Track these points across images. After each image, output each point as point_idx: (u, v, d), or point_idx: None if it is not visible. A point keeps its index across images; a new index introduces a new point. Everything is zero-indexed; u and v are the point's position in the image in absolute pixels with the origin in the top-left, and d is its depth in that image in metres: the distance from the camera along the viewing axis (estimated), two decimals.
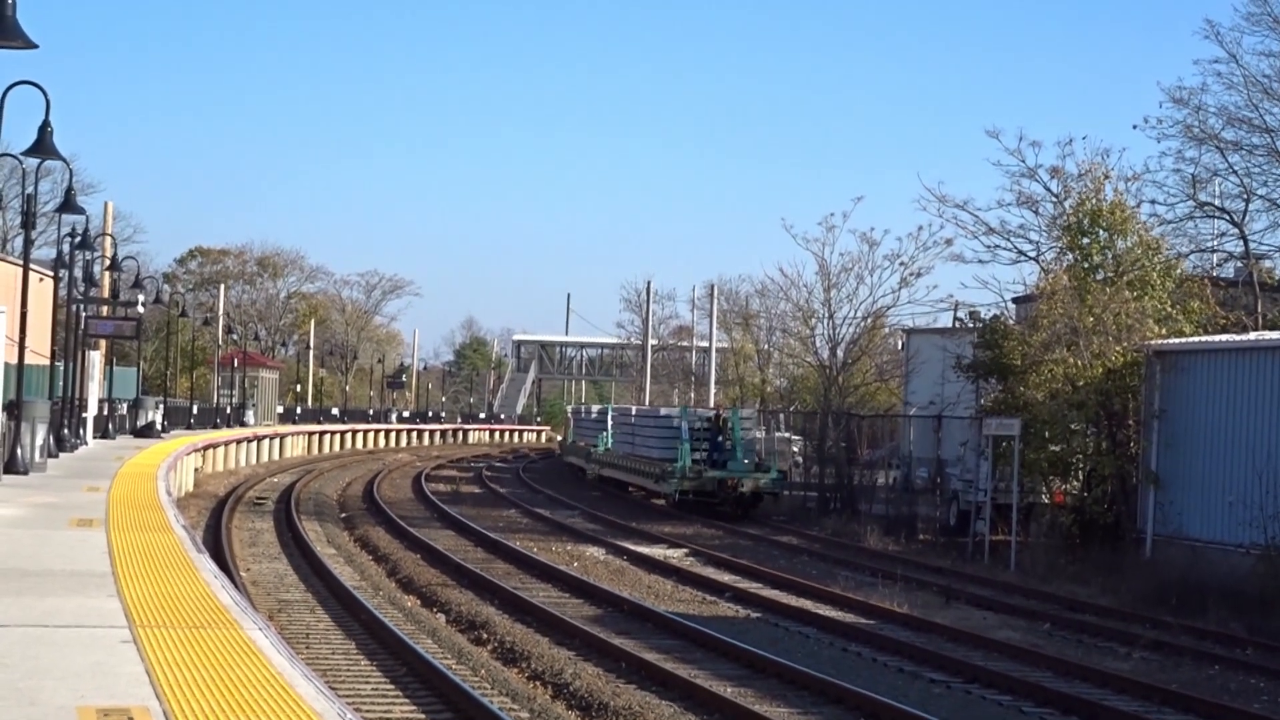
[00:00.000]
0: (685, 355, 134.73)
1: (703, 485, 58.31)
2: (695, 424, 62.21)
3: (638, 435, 69.22)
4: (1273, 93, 53.36)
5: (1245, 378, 37.99)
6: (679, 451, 59.86)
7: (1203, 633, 31.59)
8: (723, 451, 59.72)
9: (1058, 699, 23.87)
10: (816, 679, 23.95)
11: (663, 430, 64.53)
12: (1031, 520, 46.09)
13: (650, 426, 67.41)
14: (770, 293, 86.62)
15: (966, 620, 32.67)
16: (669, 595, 35.06)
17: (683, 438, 60.39)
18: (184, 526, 26.08)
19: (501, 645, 26.80)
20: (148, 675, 12.51)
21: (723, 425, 61.16)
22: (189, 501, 50.72)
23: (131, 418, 71.21)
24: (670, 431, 63.06)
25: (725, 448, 59.86)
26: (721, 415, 63.04)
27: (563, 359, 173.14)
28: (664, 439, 63.50)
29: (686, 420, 62.42)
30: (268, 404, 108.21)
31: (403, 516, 51.20)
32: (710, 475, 58.31)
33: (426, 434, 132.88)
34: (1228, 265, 55.47)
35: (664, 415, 68.64)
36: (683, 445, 59.93)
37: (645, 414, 74.02)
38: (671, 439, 62.12)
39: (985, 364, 49.17)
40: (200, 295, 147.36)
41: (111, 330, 66.15)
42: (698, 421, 62.77)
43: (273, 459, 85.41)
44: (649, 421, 68.83)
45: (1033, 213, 51.74)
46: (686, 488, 58.47)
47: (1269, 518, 35.32)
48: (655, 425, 66.62)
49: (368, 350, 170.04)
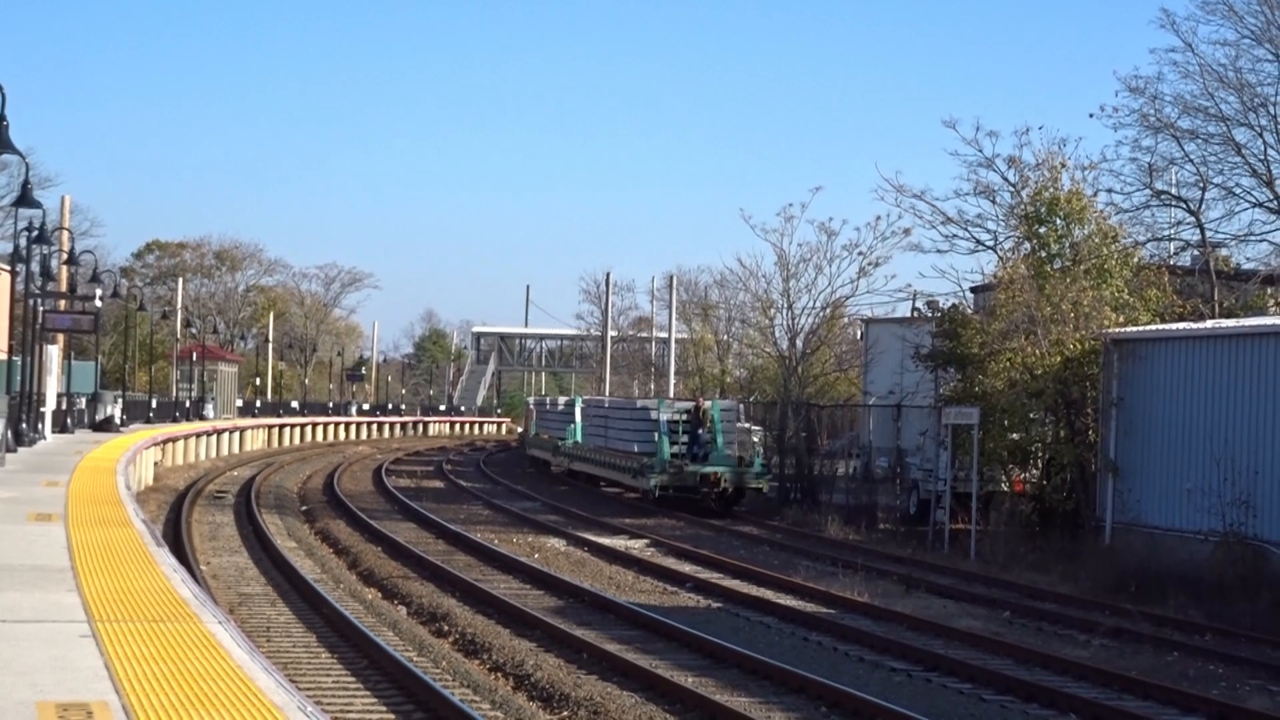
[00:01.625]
0: (645, 346, 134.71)
1: (683, 480, 55.67)
2: (674, 416, 59.43)
3: (611, 428, 66.31)
4: (1228, 81, 53.55)
5: (1202, 366, 38.12)
6: (658, 445, 57.37)
7: (1162, 620, 31.70)
8: (703, 445, 57.47)
9: (1018, 686, 23.94)
10: (778, 668, 23.99)
11: (639, 422, 62.14)
12: (991, 509, 46.17)
13: (626, 419, 64.85)
14: (729, 283, 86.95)
15: (927, 609, 32.75)
16: (630, 586, 35.08)
17: (661, 430, 57.92)
18: (143, 521, 26.02)
19: (463, 637, 26.81)
20: (107, 670, 12.48)
21: (703, 417, 58.41)
22: (148, 496, 50.61)
23: (90, 412, 70.99)
24: (648, 424, 60.57)
25: (705, 441, 57.58)
26: (701, 407, 59.34)
27: (522, 351, 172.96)
28: (641, 432, 61.01)
29: (665, 412, 59.44)
30: (227, 397, 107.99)
31: (364, 509, 51.14)
32: (691, 470, 55.83)
33: (387, 427, 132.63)
34: (1184, 254, 55.65)
35: (641, 407, 65.76)
36: (661, 438, 57.41)
37: (620, 405, 71.18)
38: (649, 432, 59.54)
39: (944, 353, 49.25)
40: (158, 289, 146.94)
41: (69, 324, 65.88)
42: (676, 413, 59.77)
43: (232, 452, 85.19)
44: (624, 413, 66.21)
45: (990, 202, 51.86)
46: (666, 483, 55.79)
47: (1227, 505, 35.46)
48: (631, 417, 64.11)
49: (327, 343, 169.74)
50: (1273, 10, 53.10)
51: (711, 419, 57.97)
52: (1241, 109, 53.50)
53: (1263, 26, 53.29)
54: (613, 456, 63.26)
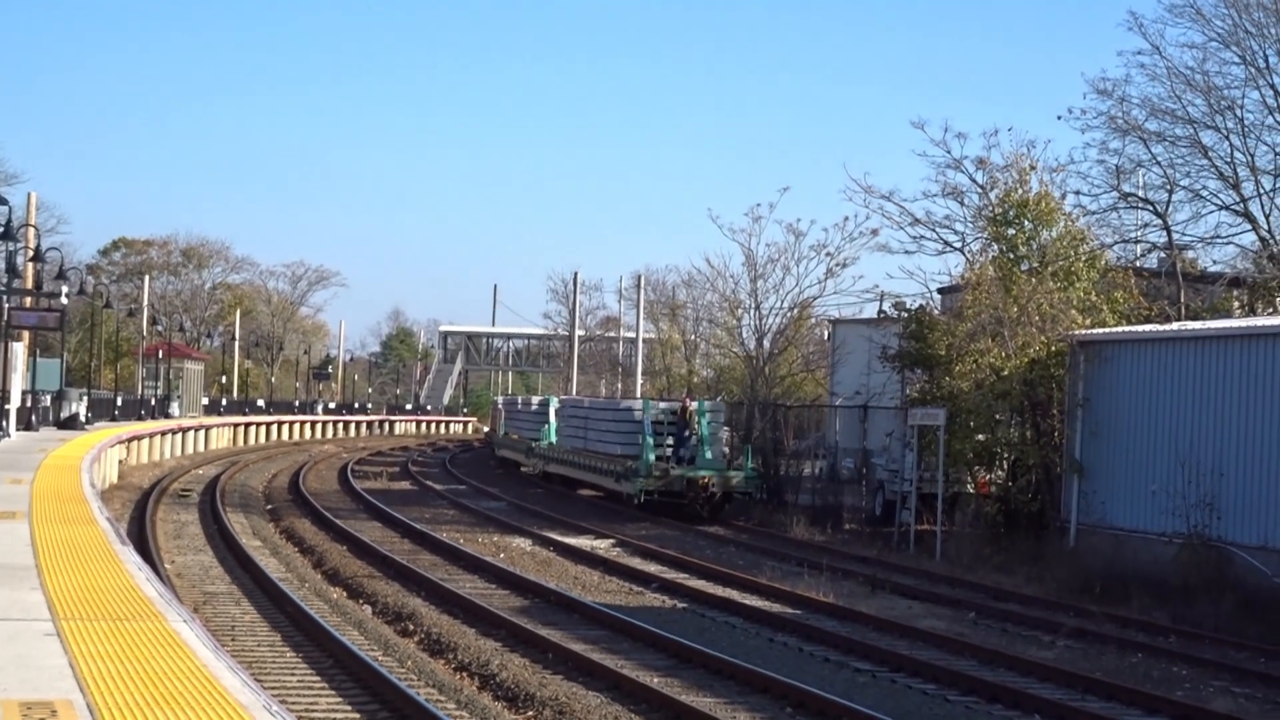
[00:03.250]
0: (612, 346, 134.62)
1: (670, 485, 53.73)
2: (659, 417, 57.27)
3: (592, 429, 63.61)
4: (1195, 84, 53.61)
5: (1168, 368, 38.23)
6: (642, 447, 55.29)
7: (1126, 621, 31.81)
8: (689, 447, 55.24)
9: (982, 687, 23.99)
10: (743, 668, 24.01)
11: (623, 424, 59.54)
12: (957, 510, 46.29)
13: (608, 420, 62.09)
14: (697, 283, 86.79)
15: (892, 609, 32.81)
16: (596, 586, 35.08)
17: (646, 432, 55.86)
18: (108, 519, 25.97)
19: (428, 636, 26.78)
20: (71, 668, 12.46)
21: (689, 418, 55.86)
22: (113, 494, 50.48)
23: (55, 409, 70.79)
24: (632, 425, 58.06)
25: (691, 443, 55.33)
26: (687, 408, 56.61)
27: (489, 350, 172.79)
28: (624, 434, 58.49)
29: (649, 413, 57.28)
30: (193, 395, 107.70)
31: (329, 508, 51.06)
32: (678, 474, 53.82)
33: (353, 425, 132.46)
34: (1151, 256, 55.70)
35: (624, 408, 62.91)
36: (646, 440, 55.38)
37: (602, 406, 68.30)
38: (633, 434, 57.22)
39: (910, 354, 49.33)
40: (125, 286, 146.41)
41: (35, 321, 65.71)
42: (661, 414, 57.58)
43: (198, 451, 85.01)
44: (606, 414, 63.45)
45: (958, 203, 51.87)
46: (652, 487, 53.75)
47: (1191, 506, 35.57)
48: (615, 418, 61.40)
49: (294, 341, 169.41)
50: (1240, 14, 53.23)
51: (698, 420, 55.93)
52: (1209, 112, 53.61)
53: (1230, 30, 53.41)
54: (593, 459, 61.19)
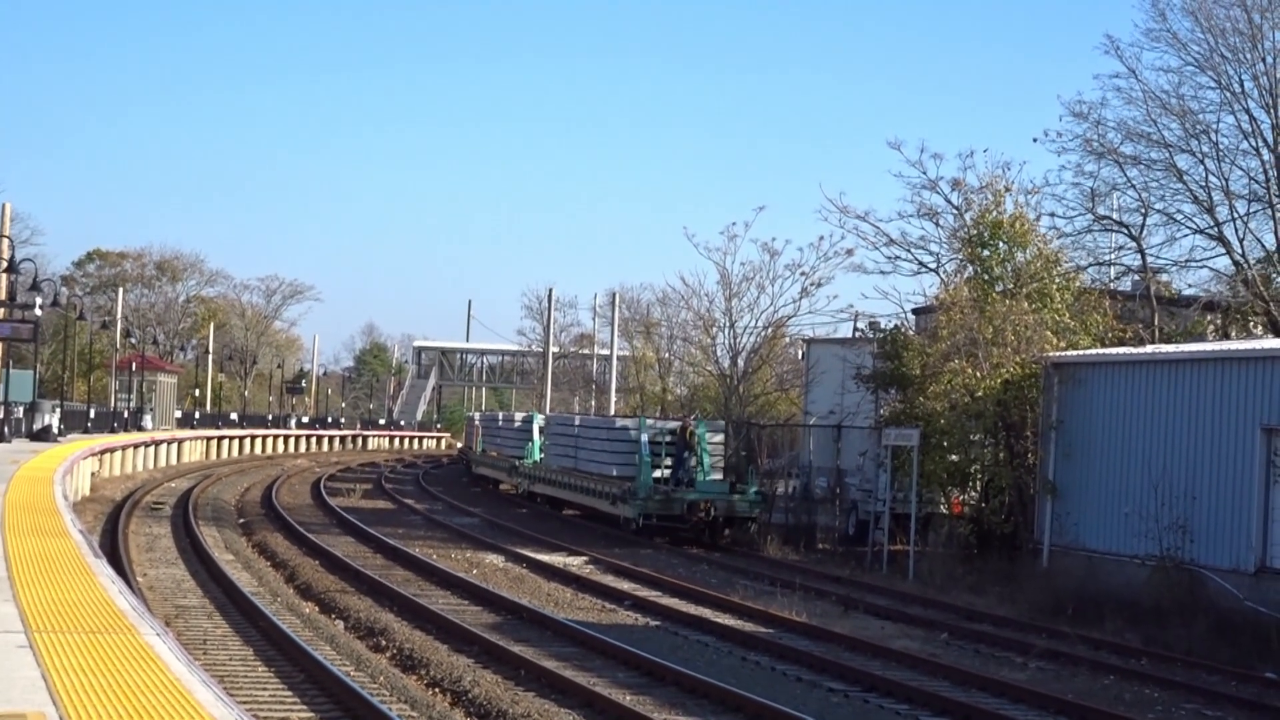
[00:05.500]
0: (587, 363, 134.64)
1: (670, 509, 51.39)
2: (656, 437, 54.62)
3: (583, 448, 60.97)
4: (1170, 108, 53.80)
5: (1141, 390, 38.31)
6: (640, 469, 52.72)
7: (1099, 643, 31.84)
8: (688, 469, 52.89)
9: (955, 708, 24.01)
10: (716, 687, 23.99)
11: (618, 443, 56.92)
12: (930, 530, 46.30)
13: (602, 439, 59.30)
14: (672, 301, 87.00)
15: (865, 629, 32.82)
16: (568, 603, 35.04)
17: (643, 453, 53.04)
18: (81, 531, 25.89)
19: (400, 652, 26.73)
20: (44, 680, 12.40)
21: (689, 439, 53.31)
22: (86, 506, 50.36)
23: (27, 421, 70.54)
24: (627, 445, 55.44)
25: (691, 465, 53.01)
26: (688, 427, 54.02)
27: (463, 366, 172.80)
28: (619, 454, 56.16)
29: (646, 432, 54.29)
30: (166, 408, 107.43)
31: (301, 523, 50.97)
32: (679, 497, 51.50)
33: (326, 440, 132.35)
34: (1125, 279, 55.88)
35: (619, 426, 59.87)
36: (644, 461, 52.78)
37: (595, 424, 64.97)
38: (629, 454, 54.81)
39: (885, 374, 49.39)
40: (98, 298, 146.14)
41: (8, 333, 65.51)
42: (660, 434, 54.93)
43: (170, 464, 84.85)
44: (600, 433, 60.56)
45: (934, 224, 52.02)
46: (652, 510, 51.51)
47: (1164, 529, 35.64)
48: (609, 437, 58.54)
49: (267, 355, 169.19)
50: (1215, 39, 53.44)
51: (698, 441, 53.51)
52: (1184, 135, 53.81)
53: (1206, 54, 53.62)
54: (584, 480, 58.90)
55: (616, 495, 53.91)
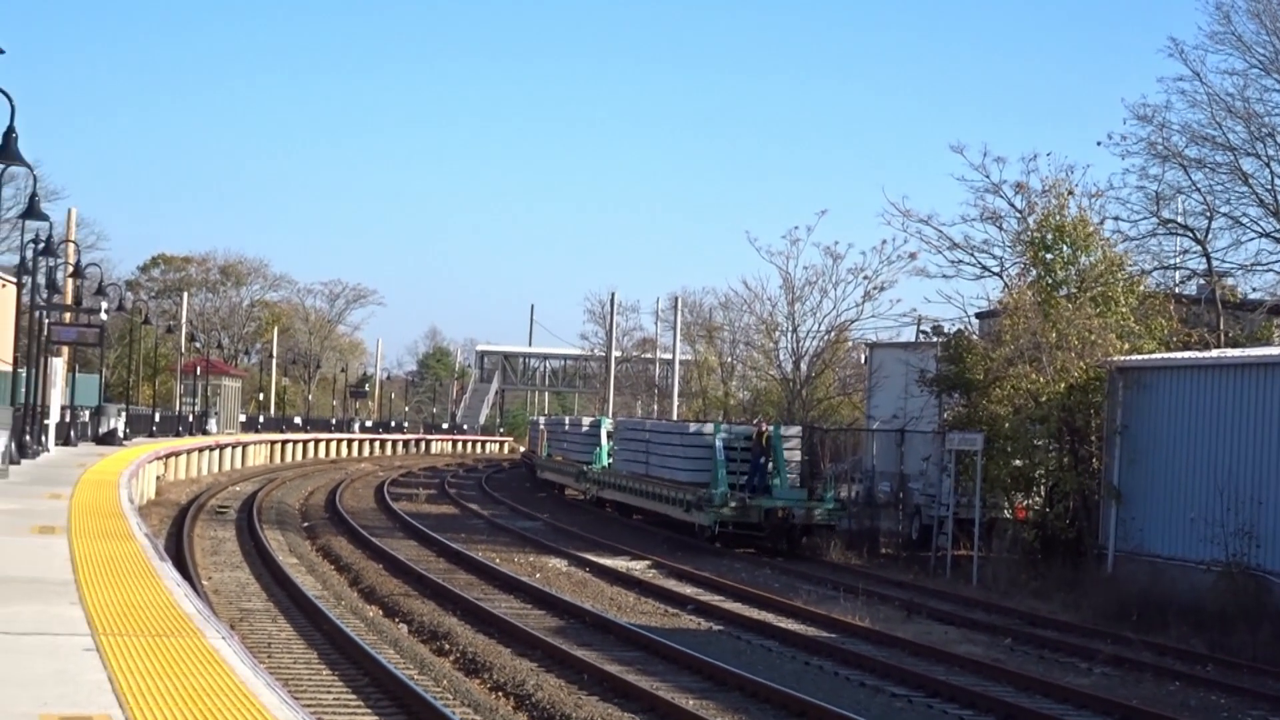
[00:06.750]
0: (649, 367, 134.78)
1: (746, 516, 50.01)
2: (732, 443, 53.51)
3: (654, 454, 59.70)
4: (1235, 111, 53.61)
5: (1207, 395, 38.11)
6: (715, 475, 51.74)
7: (1163, 649, 31.69)
8: (764, 475, 51.88)
9: (1018, 713, 23.92)
10: (779, 692, 23.95)
11: (693, 449, 55.43)
12: (993, 535, 46.16)
13: (675, 444, 57.70)
14: (734, 305, 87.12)
15: (928, 634, 32.71)
16: (631, 607, 35.03)
17: (719, 459, 52.19)
18: (146, 534, 26.02)
19: (464, 656, 26.76)
20: (110, 683, 12.47)
21: (765, 445, 52.39)
22: (151, 509, 50.61)
23: (93, 425, 70.99)
24: (703, 451, 54.28)
25: (768, 471, 52.01)
26: (764, 432, 52.94)
27: (526, 370, 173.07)
28: (694, 460, 54.70)
29: (721, 438, 53.47)
30: (230, 412, 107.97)
31: (365, 526, 51.12)
32: (756, 504, 50.18)
33: (389, 444, 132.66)
34: (1190, 282, 55.68)
35: (694, 432, 58.07)
36: (719, 468, 51.81)
37: (666, 429, 63.53)
38: (703, 460, 53.80)
39: (948, 378, 49.25)
40: (163, 303, 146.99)
41: (74, 337, 66.00)
42: (736, 440, 53.81)
43: (235, 468, 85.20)
44: (673, 438, 58.84)
45: (997, 228, 51.96)
46: (727, 518, 50.14)
47: (1230, 534, 35.44)
48: (682, 443, 57.04)
49: (331, 359, 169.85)
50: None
51: (773, 447, 52.58)
52: (1249, 138, 53.60)
53: (1271, 57, 53.39)
54: (656, 486, 57.33)
55: (690, 502, 52.35)
